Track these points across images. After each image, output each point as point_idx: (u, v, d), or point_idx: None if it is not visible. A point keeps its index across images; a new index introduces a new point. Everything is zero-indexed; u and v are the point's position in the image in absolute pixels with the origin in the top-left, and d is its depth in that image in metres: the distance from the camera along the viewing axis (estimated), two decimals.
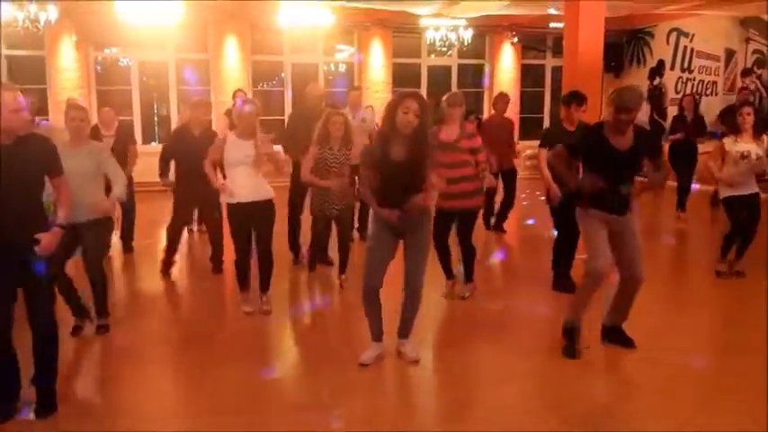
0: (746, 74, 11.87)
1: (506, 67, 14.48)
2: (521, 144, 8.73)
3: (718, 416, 3.59)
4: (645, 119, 13.22)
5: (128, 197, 7.25)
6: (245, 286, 5.35)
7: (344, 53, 14.16)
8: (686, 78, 13.11)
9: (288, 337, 5.11)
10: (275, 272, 5.39)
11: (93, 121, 6.98)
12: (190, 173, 6.02)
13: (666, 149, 9.59)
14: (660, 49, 13.66)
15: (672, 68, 13.42)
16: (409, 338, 4.38)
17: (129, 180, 7.17)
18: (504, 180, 8.27)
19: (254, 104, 5.16)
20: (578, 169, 4.69)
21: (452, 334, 5.05)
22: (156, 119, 13.70)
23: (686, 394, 3.87)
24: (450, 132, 5.36)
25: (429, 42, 13.03)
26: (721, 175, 6.00)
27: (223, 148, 5.07)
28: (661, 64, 13.68)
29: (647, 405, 3.73)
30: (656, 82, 13.78)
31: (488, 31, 14.12)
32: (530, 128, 14.17)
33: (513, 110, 10.95)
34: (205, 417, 3.63)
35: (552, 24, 13.01)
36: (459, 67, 14.47)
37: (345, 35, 13.71)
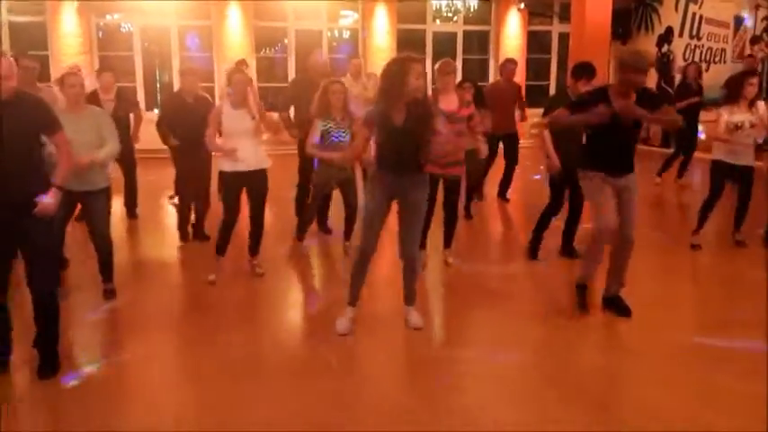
0: (756, 41, 11.72)
1: (512, 33, 14.30)
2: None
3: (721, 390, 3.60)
4: (652, 86, 13.08)
5: (131, 163, 7.28)
6: (222, 252, 5.30)
7: (348, 19, 13.99)
8: (695, 45, 12.95)
9: (288, 304, 5.11)
10: (278, 237, 5.36)
11: (94, 86, 6.99)
12: (186, 139, 6.05)
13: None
14: (668, 16, 13.46)
15: (680, 35, 13.25)
16: (414, 305, 4.39)
17: (131, 146, 7.18)
18: (506, 145, 8.15)
19: (243, 72, 5.21)
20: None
21: (449, 302, 5.02)
22: (159, 85, 13.61)
23: (689, 364, 3.88)
24: (450, 101, 5.30)
25: (435, 8, 12.85)
26: (721, 135, 5.90)
27: (220, 117, 5.05)
28: (669, 31, 13.49)
29: (645, 376, 3.74)
30: (665, 49, 13.60)
31: None
32: (536, 96, 14.02)
33: (519, 77, 10.81)
34: (210, 382, 3.65)
35: None
36: (465, 33, 14.30)
37: (349, 1, 13.53)
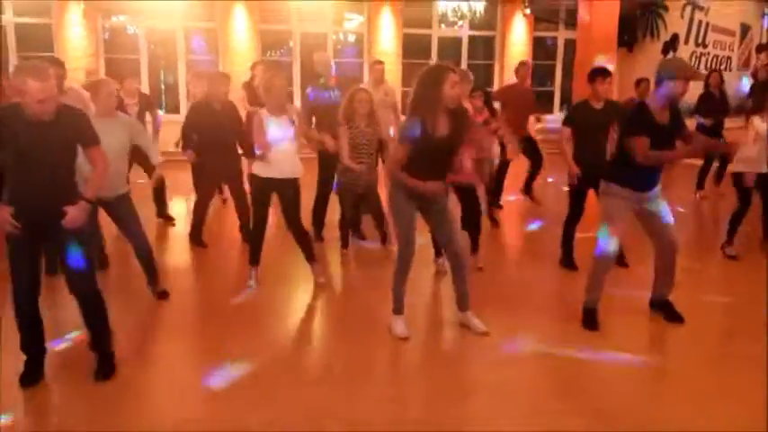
0: (761, 49, 11.66)
1: (518, 39, 14.28)
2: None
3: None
4: None
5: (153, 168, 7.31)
6: (255, 261, 5.27)
7: (354, 22, 14.00)
8: (700, 53, 12.93)
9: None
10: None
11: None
12: (214, 147, 6.08)
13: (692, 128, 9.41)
14: (674, 23, 13.43)
15: (686, 42, 13.22)
16: (470, 310, 4.39)
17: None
18: (526, 148, 8.04)
19: (283, 77, 5.05)
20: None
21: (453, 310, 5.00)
22: (164, 87, 13.63)
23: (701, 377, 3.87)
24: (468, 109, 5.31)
25: (441, 13, 12.84)
26: (742, 150, 5.85)
27: (263, 128, 4.89)
28: (675, 38, 13.46)
29: (651, 395, 3.72)
30: (670, 56, 13.57)
31: (500, 1, 13.92)
32: (541, 102, 13.97)
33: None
34: (218, 390, 3.64)
35: None
36: (470, 38, 14.29)
37: (355, 4, 13.54)
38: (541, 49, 14.70)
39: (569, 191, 5.78)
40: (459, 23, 13.50)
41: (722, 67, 12.28)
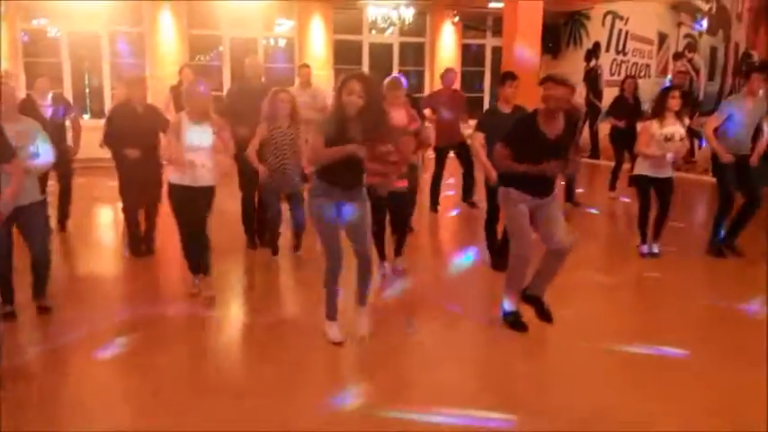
0: (678, 57, 12.23)
1: (447, 45, 14.53)
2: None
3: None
4: (581, 100, 13.49)
5: (68, 174, 7.05)
6: (196, 270, 5.14)
7: (284, 26, 13.94)
8: (621, 60, 13.43)
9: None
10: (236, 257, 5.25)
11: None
12: (136, 148, 5.91)
13: (607, 131, 9.86)
14: (596, 32, 13.93)
15: (607, 50, 13.72)
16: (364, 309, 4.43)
17: (72, 155, 6.97)
18: (458, 153, 8.22)
19: (207, 85, 4.94)
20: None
21: (392, 312, 5.03)
22: (88, 90, 13.26)
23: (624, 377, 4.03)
24: (400, 117, 5.37)
25: (371, 20, 12.93)
26: (645, 150, 6.10)
27: (180, 132, 4.82)
28: (597, 46, 13.96)
29: (582, 384, 3.86)
30: (593, 64, 14.07)
31: (429, 9, 14.13)
32: (470, 107, 14.22)
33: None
34: (146, 407, 3.57)
35: (492, 4, 13.11)
36: (401, 45, 14.45)
37: (285, 9, 13.49)
38: (470, 55, 15.01)
39: (487, 192, 5.89)
40: (390, 30, 13.62)
41: (642, 74, 12.78)
